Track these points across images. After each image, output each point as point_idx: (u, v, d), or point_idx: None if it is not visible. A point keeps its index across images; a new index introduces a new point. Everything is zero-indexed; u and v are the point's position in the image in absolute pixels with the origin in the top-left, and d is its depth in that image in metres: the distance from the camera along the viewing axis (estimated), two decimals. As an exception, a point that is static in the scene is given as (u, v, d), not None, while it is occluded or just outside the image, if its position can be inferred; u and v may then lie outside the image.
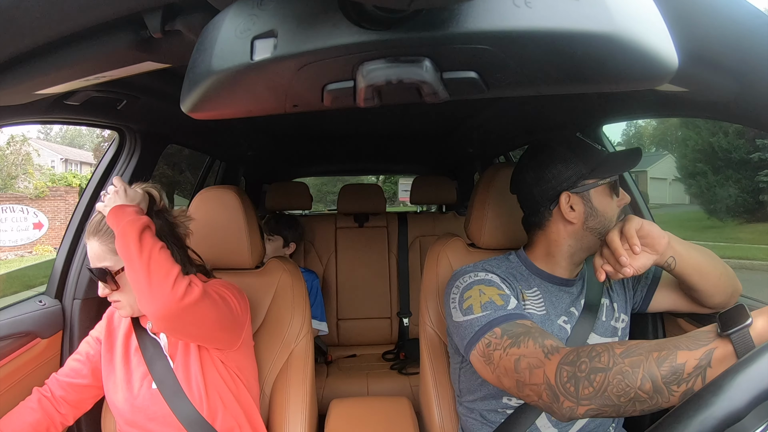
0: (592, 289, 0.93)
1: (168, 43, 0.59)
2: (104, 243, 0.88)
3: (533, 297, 0.89)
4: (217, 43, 0.35)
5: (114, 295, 0.90)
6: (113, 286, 0.89)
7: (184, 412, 0.88)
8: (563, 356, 0.62)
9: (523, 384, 0.66)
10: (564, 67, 0.36)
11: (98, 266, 0.88)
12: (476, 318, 0.78)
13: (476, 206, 1.11)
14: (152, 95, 1.06)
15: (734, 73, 0.62)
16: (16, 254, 8.57)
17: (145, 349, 0.93)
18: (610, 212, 0.86)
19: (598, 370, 0.57)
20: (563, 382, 0.60)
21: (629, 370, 0.55)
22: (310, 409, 1.07)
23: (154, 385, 0.90)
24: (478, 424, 0.94)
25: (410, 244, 2.31)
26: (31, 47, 0.57)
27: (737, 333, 0.50)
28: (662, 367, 0.53)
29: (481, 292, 0.82)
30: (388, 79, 0.34)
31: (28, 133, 14.69)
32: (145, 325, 0.95)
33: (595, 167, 0.85)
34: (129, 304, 0.91)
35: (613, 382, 0.55)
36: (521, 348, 0.69)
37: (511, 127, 1.73)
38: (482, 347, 0.75)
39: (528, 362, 0.66)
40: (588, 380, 0.57)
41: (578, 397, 0.58)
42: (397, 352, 2.12)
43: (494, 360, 0.72)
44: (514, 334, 0.72)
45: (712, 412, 0.37)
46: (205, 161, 2.26)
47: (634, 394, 0.54)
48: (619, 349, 0.58)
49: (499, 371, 0.70)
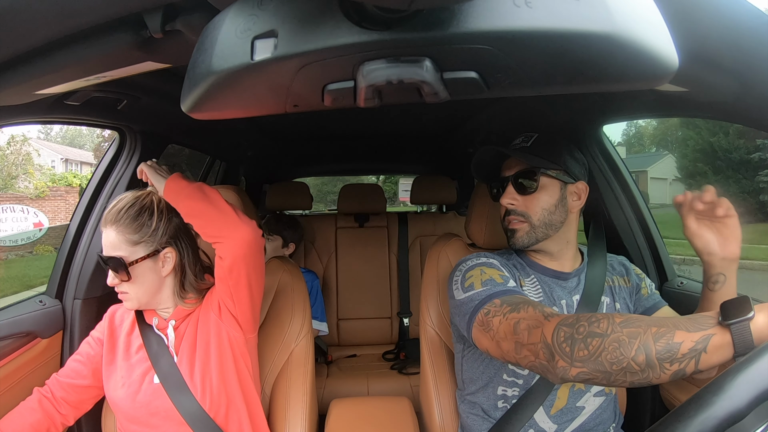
0: (592, 286, 0.94)
1: (168, 43, 0.59)
2: (122, 233, 0.88)
3: (531, 285, 0.92)
4: (218, 43, 0.35)
5: (123, 286, 0.90)
6: (125, 276, 0.88)
7: (187, 407, 0.89)
8: (563, 318, 0.63)
9: (521, 345, 0.67)
10: (564, 67, 0.36)
11: (113, 255, 0.88)
12: (476, 293, 0.82)
13: (477, 206, 1.11)
14: (152, 95, 1.06)
15: (734, 73, 0.62)
16: (17, 254, 8.58)
17: (150, 345, 0.93)
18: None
19: (595, 334, 0.58)
20: (560, 342, 0.61)
21: (626, 339, 0.55)
22: (310, 409, 1.07)
23: (156, 379, 0.90)
24: (479, 420, 0.95)
25: (410, 244, 2.31)
26: (31, 47, 0.57)
27: (737, 324, 0.50)
28: (658, 343, 0.53)
29: (483, 272, 0.86)
30: (388, 79, 0.34)
31: (29, 133, 14.71)
32: (151, 322, 0.95)
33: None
34: (137, 297, 0.91)
35: (609, 349, 0.56)
36: (521, 312, 0.71)
37: (511, 127, 1.73)
38: (482, 317, 0.77)
39: (527, 323, 0.68)
40: (584, 343, 0.58)
41: (572, 358, 0.59)
42: (398, 352, 2.12)
43: (494, 326, 0.73)
44: (513, 302, 0.74)
45: (713, 412, 0.37)
46: (205, 161, 2.27)
47: (626, 364, 0.55)
48: (619, 318, 0.58)
49: (499, 336, 0.72)
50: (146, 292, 0.91)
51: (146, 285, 0.90)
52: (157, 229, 0.91)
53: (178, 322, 0.95)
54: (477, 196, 1.12)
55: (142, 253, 0.89)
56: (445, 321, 1.13)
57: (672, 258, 1.30)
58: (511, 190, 0.91)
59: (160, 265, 0.91)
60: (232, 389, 0.94)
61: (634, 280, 0.99)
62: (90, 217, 1.23)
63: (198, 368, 0.91)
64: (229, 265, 0.90)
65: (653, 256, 1.30)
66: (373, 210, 2.32)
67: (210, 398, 0.90)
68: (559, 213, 0.90)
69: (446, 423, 1.07)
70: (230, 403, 0.93)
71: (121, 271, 0.88)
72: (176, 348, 0.94)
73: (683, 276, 1.26)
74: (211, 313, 0.95)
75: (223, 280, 0.92)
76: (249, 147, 2.10)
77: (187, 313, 0.96)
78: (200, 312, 0.96)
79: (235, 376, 0.95)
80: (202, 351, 0.93)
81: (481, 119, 1.71)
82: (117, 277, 0.88)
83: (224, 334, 0.94)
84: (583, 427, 0.90)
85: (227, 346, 0.94)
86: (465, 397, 0.99)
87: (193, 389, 0.90)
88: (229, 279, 0.92)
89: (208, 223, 0.90)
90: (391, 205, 9.97)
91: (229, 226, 0.89)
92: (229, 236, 0.89)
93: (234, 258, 0.90)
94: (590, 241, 1.05)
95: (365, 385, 1.83)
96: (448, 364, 1.11)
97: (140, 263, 0.89)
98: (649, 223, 1.31)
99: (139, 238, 0.89)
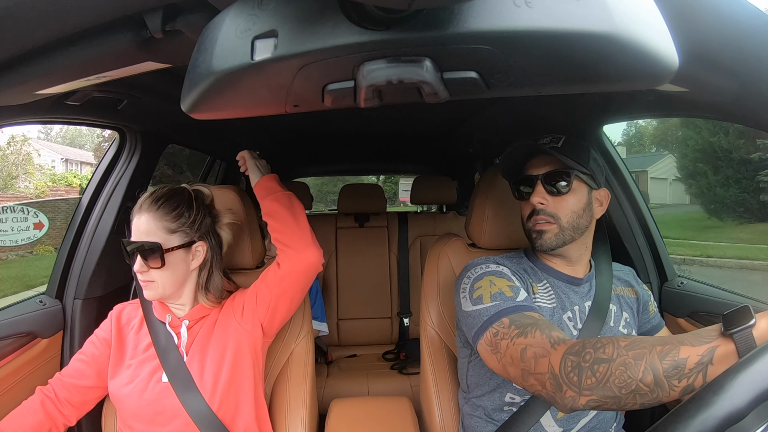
0: (601, 294, 0.93)
1: (168, 43, 0.58)
2: (159, 219, 0.89)
3: (543, 290, 0.90)
4: (218, 43, 0.35)
5: (151, 274, 0.89)
6: (158, 263, 0.88)
7: (195, 406, 0.89)
8: (569, 346, 0.63)
9: (528, 373, 0.67)
10: (564, 67, 0.36)
11: (150, 240, 0.88)
12: (485, 308, 0.79)
13: (477, 206, 1.11)
14: (153, 95, 1.06)
15: (734, 73, 0.62)
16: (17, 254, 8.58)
17: (158, 343, 0.93)
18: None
19: (601, 360, 0.57)
20: (567, 372, 0.60)
21: (632, 362, 0.55)
22: (310, 409, 1.07)
23: (164, 378, 0.90)
24: (482, 423, 0.94)
25: (410, 244, 2.31)
26: (31, 47, 0.57)
27: (740, 332, 0.50)
28: (664, 361, 0.53)
29: (492, 283, 0.83)
30: (388, 79, 0.34)
31: (29, 133, 14.71)
32: (164, 319, 0.95)
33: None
34: (163, 286, 0.90)
35: (616, 374, 0.56)
36: (528, 338, 0.69)
37: (511, 127, 1.73)
38: (490, 336, 0.76)
39: (534, 351, 0.67)
40: (591, 370, 0.58)
41: (581, 387, 0.59)
42: (398, 352, 2.12)
43: (501, 349, 0.72)
44: (521, 324, 0.72)
45: (713, 411, 0.37)
46: (205, 161, 2.27)
47: (635, 387, 0.54)
48: (624, 341, 0.58)
49: (506, 360, 0.71)
50: (173, 283, 0.91)
51: (175, 275, 0.91)
52: (195, 221, 0.92)
53: (192, 322, 0.95)
54: (477, 196, 1.12)
55: (177, 242, 0.90)
56: (445, 321, 1.13)
57: (672, 258, 1.30)
58: (542, 190, 0.87)
59: (190, 258, 0.93)
60: (243, 394, 0.94)
61: (643, 295, 0.99)
62: (90, 217, 1.23)
63: (209, 370, 0.91)
64: (283, 274, 0.95)
65: (653, 256, 1.30)
66: (373, 210, 2.32)
67: (219, 400, 0.90)
68: (585, 218, 0.88)
69: (446, 423, 1.07)
70: (239, 407, 0.93)
71: (155, 257, 0.88)
72: (187, 348, 0.93)
73: (683, 276, 1.26)
74: (233, 319, 0.95)
75: (271, 287, 0.95)
76: (249, 147, 2.09)
77: (202, 314, 0.96)
78: (219, 316, 0.96)
79: (251, 382, 0.95)
80: (216, 354, 0.92)
81: (481, 119, 1.71)
82: (148, 263, 0.88)
83: (245, 340, 0.95)
84: (586, 429, 0.90)
85: (247, 353, 0.95)
86: (469, 399, 0.98)
87: (202, 389, 0.90)
88: (276, 287, 0.95)
89: (286, 228, 0.97)
90: (391, 205, 9.97)
91: (301, 241, 0.96)
92: (298, 249, 0.95)
93: (292, 270, 0.95)
94: (595, 247, 1.03)
95: (365, 385, 1.83)
96: (449, 364, 1.11)
97: (174, 252, 0.89)
98: (649, 223, 1.31)
99: (176, 227, 0.90)
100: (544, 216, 0.87)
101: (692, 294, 1.17)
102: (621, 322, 0.94)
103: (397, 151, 2.62)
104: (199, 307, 0.96)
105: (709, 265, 8.49)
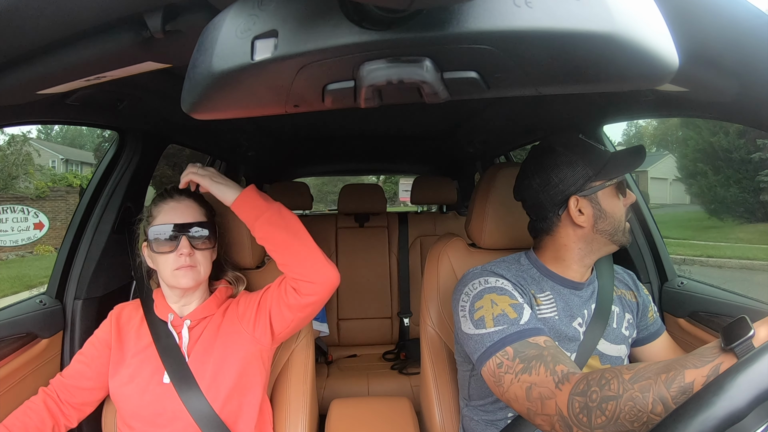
0: (604, 295, 0.92)
1: (168, 43, 0.58)
2: (201, 205, 0.93)
3: (546, 300, 0.88)
4: (218, 43, 0.35)
5: (197, 256, 0.90)
6: (212, 242, 0.92)
7: (197, 407, 0.88)
8: (573, 386, 0.62)
9: (535, 414, 0.66)
10: (564, 67, 0.36)
11: (204, 221, 0.91)
12: (488, 333, 0.77)
13: (477, 206, 1.11)
14: (153, 95, 1.06)
15: (734, 73, 0.62)
16: (17, 254, 8.58)
17: (159, 342, 0.93)
18: (618, 213, 0.86)
19: (609, 398, 0.57)
20: (576, 414, 0.60)
21: (639, 395, 0.54)
22: (310, 409, 1.07)
23: (166, 379, 0.90)
24: (482, 425, 0.94)
25: (411, 244, 2.31)
26: (31, 47, 0.57)
27: (741, 345, 0.49)
28: (671, 388, 0.52)
29: (493, 303, 0.80)
30: (388, 79, 0.34)
31: (29, 133, 14.71)
32: (166, 318, 0.95)
33: (601, 169, 0.85)
34: (205, 270, 0.92)
35: (625, 409, 0.55)
36: (532, 375, 0.68)
37: (511, 127, 1.73)
38: (493, 366, 0.74)
39: (539, 392, 0.66)
40: (600, 409, 0.57)
41: (592, 427, 0.58)
42: (398, 352, 2.12)
43: (505, 383, 0.71)
44: (525, 358, 0.71)
45: (713, 412, 0.37)
46: (205, 161, 2.27)
47: (646, 418, 0.54)
48: (627, 374, 0.57)
49: (509, 396, 0.70)
50: (208, 268, 0.94)
51: (210, 259, 0.95)
52: (212, 211, 0.98)
53: (194, 323, 0.95)
54: (477, 195, 1.12)
55: (213, 227, 0.95)
56: (445, 321, 1.13)
57: (672, 258, 1.30)
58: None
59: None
60: (249, 398, 0.94)
61: (644, 300, 0.99)
62: (90, 217, 1.23)
63: (213, 372, 0.91)
64: (308, 303, 0.90)
65: (653, 256, 1.30)
66: (373, 210, 2.32)
67: (222, 402, 0.90)
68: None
69: (446, 423, 1.07)
70: (243, 410, 0.93)
71: (206, 238, 0.91)
72: (189, 349, 0.93)
73: (683, 276, 1.26)
74: (239, 324, 0.95)
75: (293, 309, 0.91)
76: (249, 147, 2.10)
77: (204, 315, 0.96)
78: (223, 320, 0.96)
79: (259, 388, 0.95)
80: (221, 357, 0.92)
81: (481, 119, 1.71)
82: (197, 244, 0.90)
83: (254, 348, 0.94)
84: None
85: (257, 359, 0.95)
86: (470, 404, 0.98)
87: (204, 389, 0.89)
88: (301, 311, 0.91)
89: (293, 258, 0.88)
90: (391, 205, 9.97)
91: (318, 270, 0.87)
92: (318, 281, 0.87)
93: (317, 300, 0.90)
94: None
95: (365, 385, 1.83)
96: (449, 364, 1.11)
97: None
98: (649, 223, 1.31)
99: (210, 214, 0.96)
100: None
101: (692, 294, 1.17)
102: (624, 323, 0.93)
103: (397, 151, 2.62)
104: (203, 306, 0.96)
105: (709, 265, 8.50)
